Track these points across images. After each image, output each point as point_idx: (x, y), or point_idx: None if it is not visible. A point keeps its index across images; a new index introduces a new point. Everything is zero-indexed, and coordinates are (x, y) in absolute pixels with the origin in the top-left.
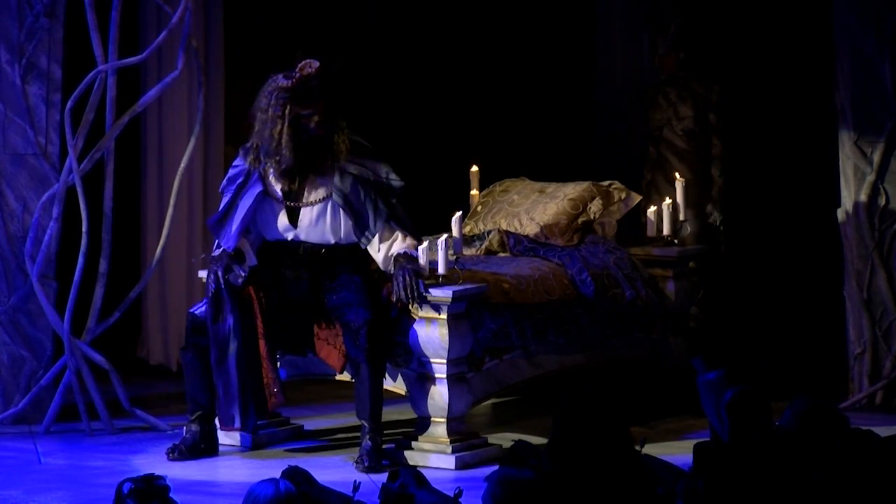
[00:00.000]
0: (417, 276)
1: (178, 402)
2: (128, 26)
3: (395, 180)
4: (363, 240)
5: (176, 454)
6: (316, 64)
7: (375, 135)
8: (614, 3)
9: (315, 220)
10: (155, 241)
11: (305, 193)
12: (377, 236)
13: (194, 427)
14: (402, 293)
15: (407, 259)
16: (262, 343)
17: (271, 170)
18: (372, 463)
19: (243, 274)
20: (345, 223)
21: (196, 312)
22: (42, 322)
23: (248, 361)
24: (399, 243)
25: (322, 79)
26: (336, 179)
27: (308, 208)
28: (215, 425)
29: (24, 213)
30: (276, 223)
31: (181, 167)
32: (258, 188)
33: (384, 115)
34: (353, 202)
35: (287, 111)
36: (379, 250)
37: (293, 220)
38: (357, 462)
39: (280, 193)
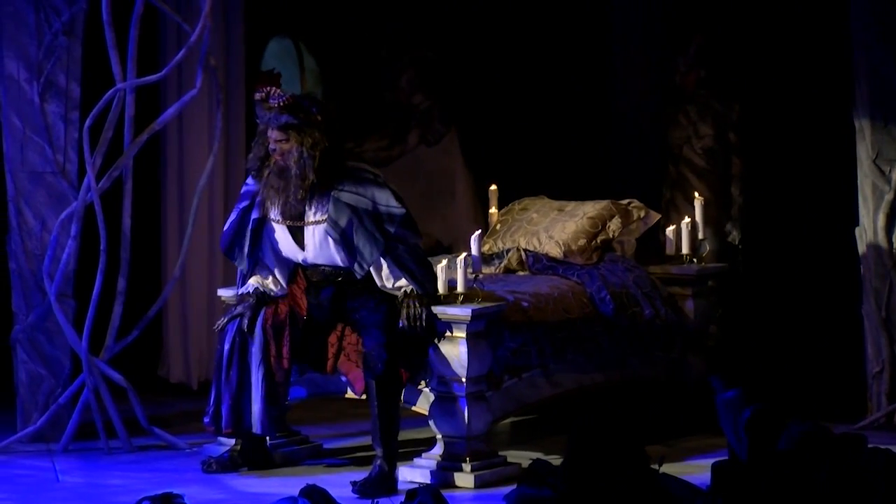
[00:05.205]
0: (422, 305)
1: (198, 421)
2: (147, 44)
3: (396, 207)
4: (356, 268)
5: (211, 468)
6: (284, 96)
7: None
8: (633, 21)
9: (319, 243)
10: (175, 258)
11: (306, 213)
12: (373, 267)
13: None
14: (407, 323)
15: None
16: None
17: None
18: (365, 489)
19: (276, 293)
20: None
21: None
22: (60, 340)
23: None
24: (399, 282)
25: (294, 111)
26: (331, 209)
27: (311, 228)
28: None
29: (43, 231)
30: (284, 246)
31: (200, 185)
32: (256, 214)
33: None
34: (349, 233)
35: (267, 134)
36: (380, 280)
37: (298, 241)
38: (353, 483)
39: (278, 215)
